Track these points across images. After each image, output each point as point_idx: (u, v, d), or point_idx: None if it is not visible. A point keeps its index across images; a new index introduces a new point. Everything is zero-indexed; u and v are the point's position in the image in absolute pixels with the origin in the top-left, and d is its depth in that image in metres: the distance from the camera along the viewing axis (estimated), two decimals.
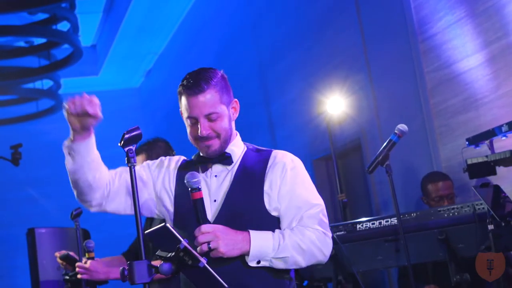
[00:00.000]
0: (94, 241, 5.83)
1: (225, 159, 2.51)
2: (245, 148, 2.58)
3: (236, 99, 2.57)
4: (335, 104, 5.89)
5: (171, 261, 2.14)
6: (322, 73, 6.39)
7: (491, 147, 4.06)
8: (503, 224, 3.22)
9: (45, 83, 9.35)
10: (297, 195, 2.45)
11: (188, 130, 2.53)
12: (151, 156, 4.23)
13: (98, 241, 6.28)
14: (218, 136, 2.47)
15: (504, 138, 3.89)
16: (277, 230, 2.41)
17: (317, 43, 6.48)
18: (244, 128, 9.29)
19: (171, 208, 2.54)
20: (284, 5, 7.17)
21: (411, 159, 5.32)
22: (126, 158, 2.18)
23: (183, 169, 2.56)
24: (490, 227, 3.35)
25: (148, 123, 11.33)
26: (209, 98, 2.45)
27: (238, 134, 2.59)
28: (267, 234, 2.37)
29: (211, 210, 2.45)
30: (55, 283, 5.09)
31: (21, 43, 9.18)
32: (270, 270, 2.40)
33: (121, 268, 2.11)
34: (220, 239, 2.28)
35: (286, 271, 2.45)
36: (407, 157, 5.30)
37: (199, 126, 2.46)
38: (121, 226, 6.09)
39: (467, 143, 4.13)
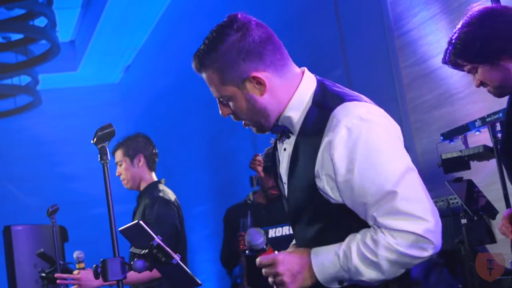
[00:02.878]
0: (71, 238, 5.84)
1: (284, 132, 2.02)
2: (310, 104, 1.98)
3: (257, 72, 1.95)
4: None
5: (145, 258, 2.15)
6: None
7: (465, 141, 4.11)
8: (475, 218, 3.26)
9: (23, 79, 9.29)
10: (359, 185, 1.82)
11: None
12: (129, 151, 4.24)
13: (76, 238, 6.28)
14: (240, 118, 2.04)
15: (477, 133, 3.94)
16: (341, 247, 1.85)
17: (295, 39, 6.50)
18: (223, 123, 9.27)
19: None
20: (262, 1, 7.18)
21: None
22: (99, 155, 2.18)
23: (273, 149, 2.19)
24: (463, 221, 3.39)
25: (128, 118, 11.29)
26: (207, 78, 2.02)
27: (301, 88, 2.00)
28: (329, 257, 1.86)
29: (286, 194, 2.05)
30: (31, 281, 5.07)
31: None
32: None
33: (94, 265, 2.12)
34: (283, 275, 1.88)
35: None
36: None
37: None
38: (99, 223, 6.07)
39: (441, 138, 4.17)
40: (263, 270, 1.93)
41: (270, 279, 1.93)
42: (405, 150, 1.89)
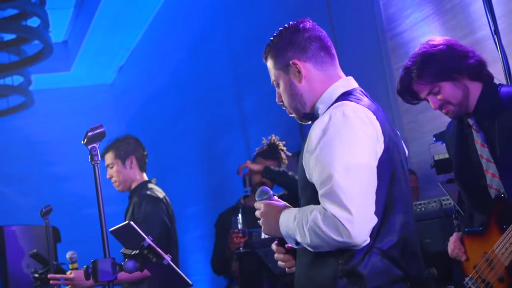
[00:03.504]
0: (64, 239, 5.82)
1: (312, 119, 2.34)
2: (334, 101, 2.28)
3: (297, 60, 2.32)
4: None
5: (136, 259, 2.15)
6: None
7: None
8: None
9: (16, 79, 9.26)
10: (317, 163, 2.11)
11: None
12: (121, 153, 4.23)
13: (69, 238, 6.26)
14: (284, 103, 2.39)
15: None
16: (298, 212, 2.16)
17: None
18: (216, 124, 9.29)
19: None
20: (254, 2, 7.18)
21: None
22: (89, 156, 2.17)
23: None
24: (456, 222, 3.39)
25: (121, 119, 11.27)
26: (268, 66, 2.41)
27: (334, 85, 2.30)
28: (289, 217, 2.17)
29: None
30: (24, 281, 5.05)
31: None
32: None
33: (84, 266, 2.12)
34: (263, 219, 2.26)
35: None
36: None
37: None
38: (91, 224, 6.06)
39: (434, 139, 4.18)
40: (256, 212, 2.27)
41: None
42: (371, 151, 2.12)
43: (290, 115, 2.42)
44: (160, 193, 4.19)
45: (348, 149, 2.09)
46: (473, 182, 2.72)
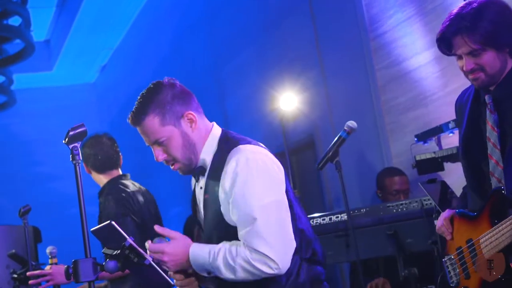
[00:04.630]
0: (46, 238, 5.79)
1: (200, 172, 2.47)
2: (216, 148, 2.46)
3: (189, 111, 2.44)
4: (288, 101, 5.91)
5: (117, 259, 2.14)
6: (276, 70, 6.41)
7: (438, 143, 4.14)
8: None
9: None
10: (235, 208, 2.33)
11: None
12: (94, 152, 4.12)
13: (51, 238, 6.21)
14: (174, 159, 2.42)
15: (451, 134, 3.97)
16: (213, 248, 2.34)
17: (272, 40, 6.50)
18: None
19: None
20: (238, 2, 7.18)
21: (364, 154, 5.39)
22: (70, 156, 2.16)
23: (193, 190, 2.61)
24: (437, 222, 3.41)
25: (104, 118, 11.22)
26: (149, 127, 2.40)
27: (211, 134, 2.48)
28: (205, 249, 2.35)
29: (203, 226, 2.49)
30: (3, 282, 5.01)
31: None
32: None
33: (65, 266, 2.10)
34: (165, 257, 2.32)
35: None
36: (360, 153, 5.37)
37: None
38: (74, 224, 6.02)
39: (415, 139, 4.20)
40: (152, 255, 2.32)
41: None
42: (278, 184, 2.37)
43: (174, 169, 2.46)
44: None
45: (260, 191, 2.30)
46: (476, 164, 2.62)
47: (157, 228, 2.34)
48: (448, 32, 2.50)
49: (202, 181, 2.46)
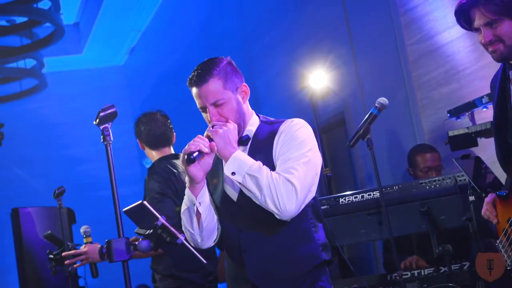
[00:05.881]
0: (79, 220, 5.84)
1: (245, 141, 2.66)
2: (259, 123, 2.71)
3: (245, 84, 2.69)
4: (318, 79, 5.87)
5: (150, 238, 2.15)
6: (305, 48, 6.36)
7: (472, 118, 4.07)
8: (483, 195, 3.22)
9: (28, 62, 9.27)
10: (283, 149, 2.56)
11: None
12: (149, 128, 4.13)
13: (84, 220, 6.27)
14: (227, 120, 2.60)
15: (484, 109, 3.90)
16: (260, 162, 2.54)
17: (300, 17, 6.45)
18: None
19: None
20: None
21: (396, 131, 5.33)
22: (101, 136, 2.17)
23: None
24: (471, 198, 3.37)
25: (134, 100, 11.28)
26: (212, 87, 2.58)
27: (254, 113, 2.73)
28: (249, 158, 2.54)
29: (235, 190, 2.61)
30: (40, 263, 5.08)
31: (3, 22, 9.09)
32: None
33: (99, 246, 2.12)
34: (221, 131, 2.51)
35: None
36: (391, 129, 5.31)
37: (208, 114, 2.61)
38: (106, 205, 6.08)
39: (448, 115, 4.14)
40: (214, 122, 2.60)
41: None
42: (317, 150, 2.65)
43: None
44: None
45: (304, 147, 2.56)
46: (505, 141, 2.60)
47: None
48: (465, 4, 2.51)
49: (241, 149, 2.61)
